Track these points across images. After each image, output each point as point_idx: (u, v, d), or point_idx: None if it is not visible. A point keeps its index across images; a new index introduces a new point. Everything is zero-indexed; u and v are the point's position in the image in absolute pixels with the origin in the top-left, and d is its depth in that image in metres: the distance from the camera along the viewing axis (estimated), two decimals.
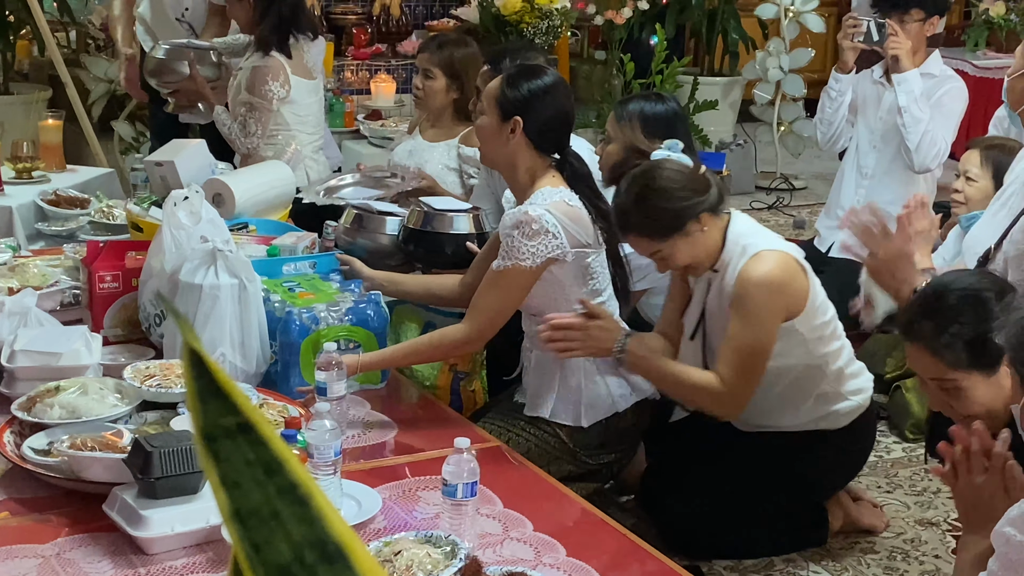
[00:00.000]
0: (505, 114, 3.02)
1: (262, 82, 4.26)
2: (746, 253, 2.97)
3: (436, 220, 3.36)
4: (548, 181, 3.01)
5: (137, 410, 2.55)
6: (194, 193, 2.96)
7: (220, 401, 0.70)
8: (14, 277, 3.29)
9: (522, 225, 2.91)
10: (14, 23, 6.52)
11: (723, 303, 3.02)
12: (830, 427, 3.22)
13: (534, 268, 2.93)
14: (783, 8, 7.54)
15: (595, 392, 3.10)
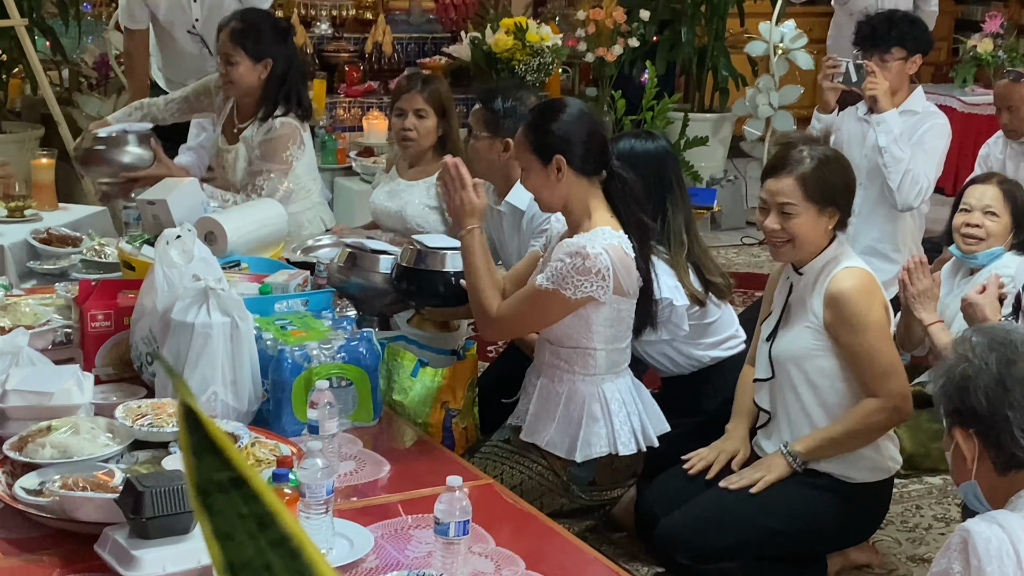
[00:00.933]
0: (545, 158, 3.08)
1: (282, 149, 4.22)
2: (838, 263, 3.16)
3: (429, 258, 3.36)
4: (602, 217, 3.06)
5: (129, 449, 2.54)
6: (186, 231, 2.96)
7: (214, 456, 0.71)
8: (6, 316, 3.29)
9: (577, 257, 2.96)
10: (6, 62, 6.55)
11: (805, 300, 3.19)
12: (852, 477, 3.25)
13: (573, 300, 2.99)
14: (772, 45, 7.59)
15: (595, 430, 3.11)
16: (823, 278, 3.15)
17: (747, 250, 7.25)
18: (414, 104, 4.20)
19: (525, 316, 3.10)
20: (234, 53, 4.23)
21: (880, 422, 3.16)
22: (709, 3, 7.99)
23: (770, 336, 3.29)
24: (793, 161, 3.19)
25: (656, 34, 8.06)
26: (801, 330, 3.19)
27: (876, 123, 4.62)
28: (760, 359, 3.32)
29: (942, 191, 7.80)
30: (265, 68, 4.24)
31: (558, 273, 2.98)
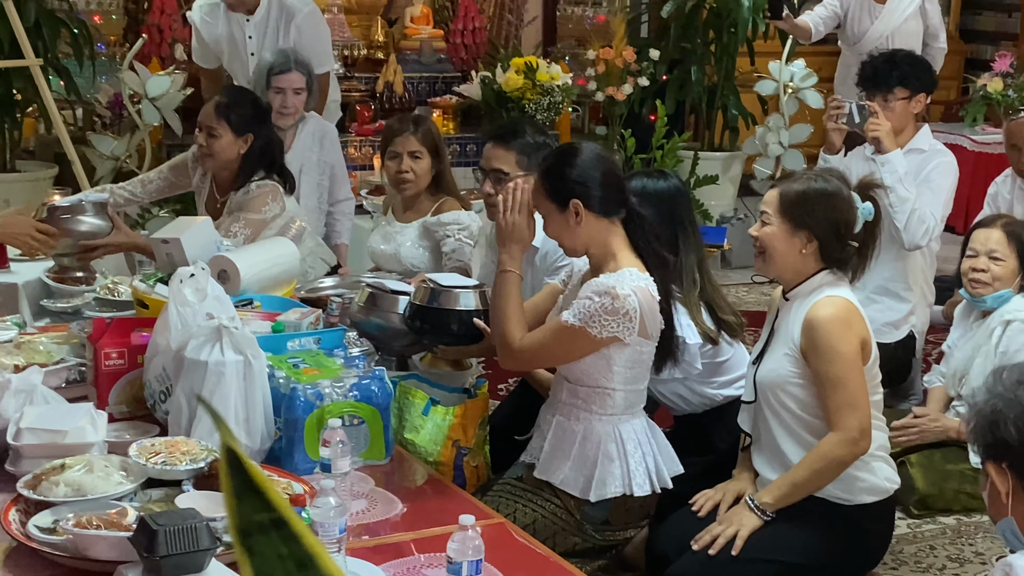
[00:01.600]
0: (562, 203, 3.09)
1: (261, 203, 4.26)
2: (821, 294, 3.14)
3: (442, 296, 3.37)
4: (627, 259, 3.07)
5: (142, 487, 2.54)
6: (200, 270, 2.98)
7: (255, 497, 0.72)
8: (20, 354, 3.30)
9: (606, 296, 2.97)
10: (21, 101, 6.59)
11: (788, 326, 3.17)
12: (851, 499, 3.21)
13: (598, 339, 3.00)
14: (782, 84, 7.62)
15: (611, 470, 3.10)
16: (805, 305, 3.15)
17: (757, 288, 7.26)
18: (408, 146, 4.23)
19: (548, 350, 3.10)
20: (217, 126, 4.32)
21: (839, 456, 3.10)
22: (719, 42, 8.03)
23: (756, 359, 3.30)
24: (791, 179, 3.27)
25: (666, 73, 8.10)
26: (781, 357, 3.19)
27: (881, 163, 4.64)
28: (746, 381, 3.35)
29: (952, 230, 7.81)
30: (245, 143, 4.34)
31: (586, 311, 2.99)
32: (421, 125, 4.30)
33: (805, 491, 3.15)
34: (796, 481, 3.13)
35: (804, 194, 3.17)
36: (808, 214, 3.15)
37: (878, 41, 6.89)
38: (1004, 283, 4.17)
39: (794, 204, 3.16)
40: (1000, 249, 4.19)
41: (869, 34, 7.04)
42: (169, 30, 7.48)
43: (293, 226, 4.20)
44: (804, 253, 3.17)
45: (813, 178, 3.22)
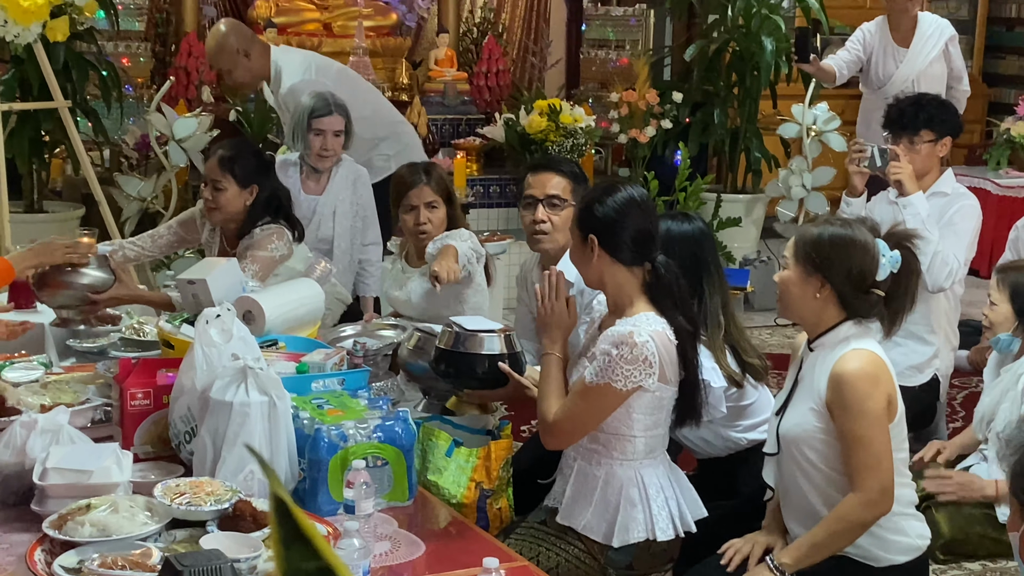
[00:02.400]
0: (583, 233, 3.12)
1: (268, 242, 4.29)
2: (848, 347, 3.03)
3: (467, 340, 3.36)
4: (644, 305, 3.08)
5: (167, 528, 2.56)
6: (225, 311, 3.00)
7: (302, 546, 0.73)
8: (46, 394, 3.32)
9: (624, 346, 2.97)
10: (50, 142, 6.66)
11: (813, 380, 3.07)
12: (882, 560, 3.11)
13: (624, 392, 2.99)
14: (805, 127, 7.64)
15: (633, 515, 3.09)
16: (831, 358, 3.05)
17: (781, 331, 7.25)
18: (424, 197, 4.22)
19: (581, 416, 3.08)
20: (222, 179, 4.34)
21: (859, 518, 3.01)
22: (742, 85, 8.06)
23: (779, 411, 3.22)
24: (813, 223, 3.21)
25: (689, 116, 8.13)
26: (806, 411, 3.09)
27: (903, 206, 4.64)
28: (769, 433, 3.26)
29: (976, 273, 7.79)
30: (251, 194, 4.35)
31: (606, 366, 2.98)
32: (432, 173, 4.28)
33: (825, 552, 3.05)
34: (816, 542, 3.05)
35: (818, 238, 3.10)
36: (823, 260, 3.06)
37: (903, 85, 6.90)
38: (999, 328, 4.19)
39: (808, 248, 3.10)
40: (993, 294, 4.23)
41: (894, 78, 7.06)
42: (196, 72, 7.55)
43: (318, 267, 4.22)
44: (819, 298, 3.07)
45: (833, 223, 3.16)
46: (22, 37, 5.56)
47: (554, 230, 3.86)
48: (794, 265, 3.12)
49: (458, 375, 3.42)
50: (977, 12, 10.85)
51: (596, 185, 3.36)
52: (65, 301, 4.00)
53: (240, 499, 2.60)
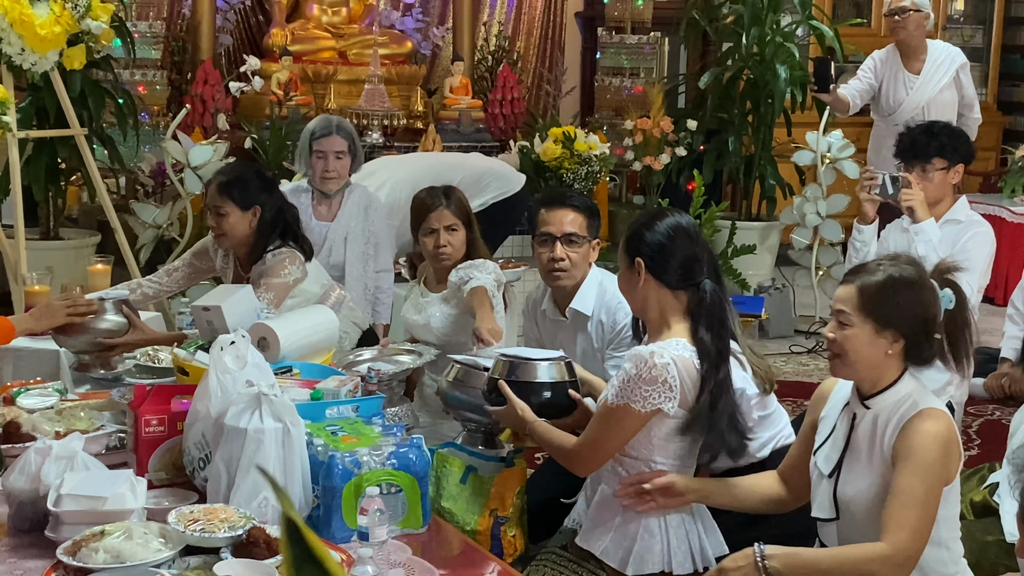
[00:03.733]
0: (631, 258, 3.13)
1: (280, 267, 4.29)
2: (916, 406, 2.83)
3: (521, 369, 3.30)
4: (680, 330, 3.06)
5: (181, 554, 2.55)
6: (240, 338, 3.00)
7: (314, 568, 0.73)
8: (61, 421, 3.33)
9: (644, 366, 2.95)
10: (66, 170, 6.69)
11: (873, 443, 2.88)
12: None
13: (643, 413, 2.97)
14: (820, 155, 7.64)
15: (650, 546, 3.06)
16: (898, 417, 2.83)
17: (795, 358, 7.23)
18: (444, 220, 4.21)
19: (601, 439, 3.05)
20: (223, 204, 4.35)
21: (875, 571, 2.81)
22: (756, 113, 8.07)
23: (832, 472, 2.98)
24: (866, 271, 2.94)
25: (703, 143, 8.15)
26: (875, 478, 2.88)
27: (914, 233, 4.63)
28: (820, 497, 3.01)
29: (992, 301, 7.77)
30: (254, 215, 4.34)
31: (624, 385, 2.97)
32: (452, 196, 4.28)
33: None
34: (819, 566, 2.88)
35: (885, 287, 2.87)
36: (893, 311, 2.85)
37: (913, 112, 6.90)
38: None
39: (876, 300, 2.86)
40: None
41: (904, 105, 7.06)
42: (212, 100, 7.59)
43: (333, 294, 4.23)
44: (888, 354, 2.87)
45: (891, 267, 2.91)
46: (39, 65, 5.60)
47: (572, 267, 3.86)
48: (862, 322, 2.87)
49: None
50: (992, 40, 10.85)
51: (644, 212, 3.37)
52: (82, 346, 4.01)
53: (254, 526, 2.59)
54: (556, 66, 9.65)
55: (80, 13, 5.67)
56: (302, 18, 8.90)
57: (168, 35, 8.33)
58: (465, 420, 3.46)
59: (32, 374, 4.05)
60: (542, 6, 9.56)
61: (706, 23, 8.32)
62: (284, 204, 4.47)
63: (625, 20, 8.86)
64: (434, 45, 9.36)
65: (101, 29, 5.79)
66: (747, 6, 7.98)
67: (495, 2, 9.50)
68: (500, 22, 9.51)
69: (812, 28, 8.10)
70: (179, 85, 8.26)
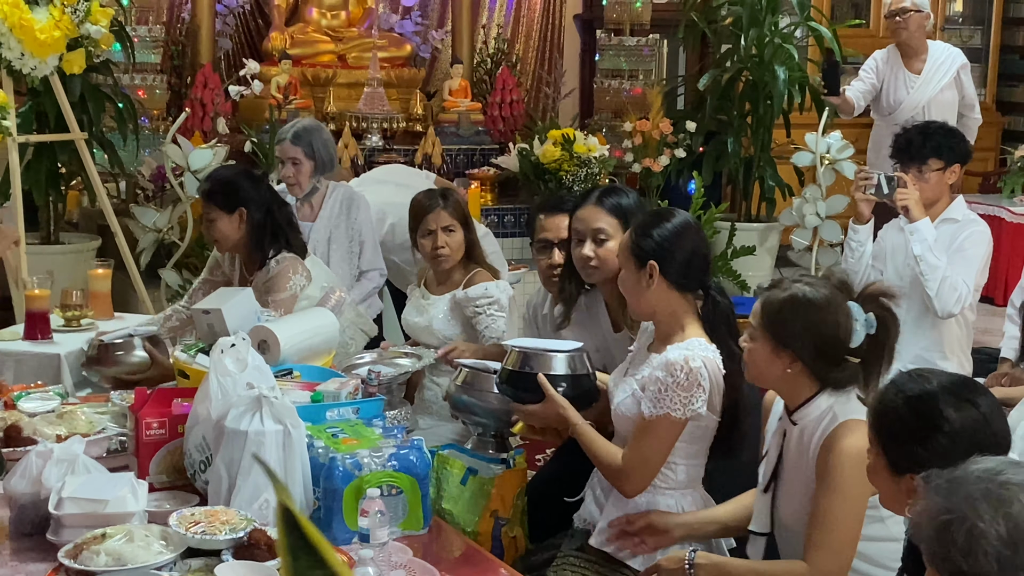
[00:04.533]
0: (640, 262, 3.07)
1: (285, 280, 4.27)
2: (836, 419, 2.77)
3: (534, 360, 3.23)
4: (695, 331, 3.05)
5: (182, 557, 2.56)
6: (241, 340, 3.01)
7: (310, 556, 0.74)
8: (62, 424, 3.34)
9: (677, 372, 2.93)
10: (66, 174, 6.69)
11: (801, 459, 2.85)
12: None
13: (682, 420, 2.96)
14: (819, 156, 7.64)
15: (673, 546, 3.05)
16: (820, 432, 2.80)
17: None
18: (441, 221, 4.21)
19: (649, 452, 3.01)
20: (210, 211, 4.37)
21: None
22: (755, 114, 8.08)
23: (768, 487, 2.96)
24: (777, 286, 2.88)
25: (702, 145, 8.15)
26: (804, 495, 2.84)
27: (910, 232, 4.64)
28: (759, 509, 3.00)
29: (991, 301, 7.78)
30: (241, 218, 4.33)
31: (660, 396, 2.95)
32: (450, 198, 4.29)
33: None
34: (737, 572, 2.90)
35: (784, 306, 2.82)
36: (790, 331, 2.80)
37: (914, 111, 6.91)
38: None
39: (775, 319, 2.82)
40: None
41: (904, 105, 7.07)
42: (212, 104, 7.59)
43: (333, 296, 4.24)
44: (790, 373, 2.83)
45: (799, 287, 2.83)
46: (39, 70, 5.60)
47: None
48: (761, 337, 2.85)
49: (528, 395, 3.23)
50: (990, 41, 10.87)
51: (647, 213, 3.30)
52: (113, 374, 4.00)
53: (255, 528, 2.60)
54: (555, 68, 9.66)
55: (80, 18, 5.67)
56: (301, 22, 8.90)
57: (167, 39, 8.33)
58: (474, 424, 3.46)
59: (33, 378, 4.07)
60: (541, 9, 9.57)
61: (705, 25, 8.33)
62: (274, 202, 4.44)
63: (624, 22, 8.87)
64: (433, 48, 9.37)
65: (101, 33, 5.79)
66: (746, 8, 7.98)
67: (494, 5, 9.51)
68: (499, 25, 9.52)
69: (811, 29, 8.11)
70: (179, 89, 8.27)
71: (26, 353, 4.30)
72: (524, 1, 9.58)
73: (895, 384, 2.40)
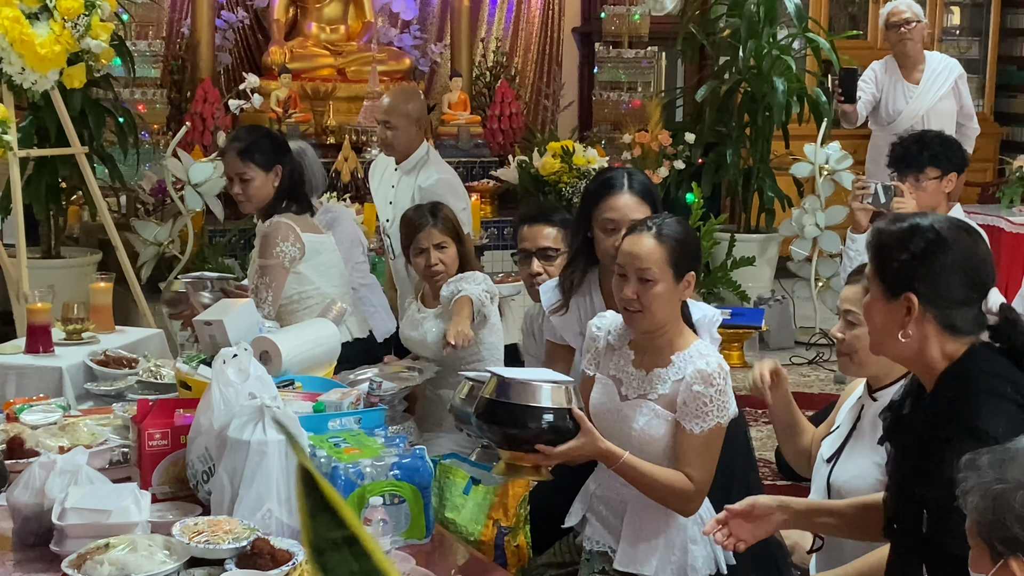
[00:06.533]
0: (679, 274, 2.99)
1: (272, 245, 4.32)
2: None
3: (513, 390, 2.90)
4: (691, 335, 3.05)
5: (185, 567, 2.57)
6: (242, 351, 3.02)
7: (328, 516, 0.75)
8: (65, 436, 3.34)
9: (717, 380, 2.92)
10: (67, 188, 6.70)
11: (873, 430, 2.87)
12: None
13: (726, 424, 2.97)
14: (818, 167, 7.66)
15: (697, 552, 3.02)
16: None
17: (796, 370, 7.24)
18: (433, 239, 4.20)
19: (712, 465, 2.99)
20: (247, 170, 4.40)
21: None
22: (754, 125, 8.10)
23: (831, 457, 3.04)
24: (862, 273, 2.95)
25: (701, 156, 8.17)
26: (870, 465, 2.91)
27: None
28: (817, 481, 3.07)
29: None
30: (276, 175, 4.42)
31: (707, 407, 2.92)
32: (439, 214, 4.26)
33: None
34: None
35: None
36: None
37: (913, 121, 6.93)
38: None
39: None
40: None
41: (904, 115, 7.09)
42: (212, 118, 7.61)
43: (334, 308, 4.24)
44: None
45: None
46: (39, 84, 5.61)
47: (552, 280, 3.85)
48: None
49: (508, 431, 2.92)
50: (988, 52, 10.89)
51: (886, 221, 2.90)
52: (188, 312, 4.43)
53: (258, 537, 2.61)
54: (554, 81, 9.68)
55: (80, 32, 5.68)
56: (300, 36, 8.93)
57: (167, 54, 8.36)
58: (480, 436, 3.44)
59: (35, 391, 4.07)
60: (539, 22, 9.60)
61: (703, 37, 8.35)
62: (295, 163, 4.55)
63: (622, 35, 8.89)
64: (432, 61, 9.39)
65: (101, 48, 5.80)
66: (743, 20, 8.01)
67: (493, 18, 9.53)
68: (498, 38, 9.55)
69: (808, 41, 8.13)
70: (179, 103, 8.29)
71: (28, 366, 4.31)
72: (523, 14, 9.61)
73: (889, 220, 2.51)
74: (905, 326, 2.41)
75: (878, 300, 2.46)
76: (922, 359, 2.43)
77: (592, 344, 3.18)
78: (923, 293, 2.39)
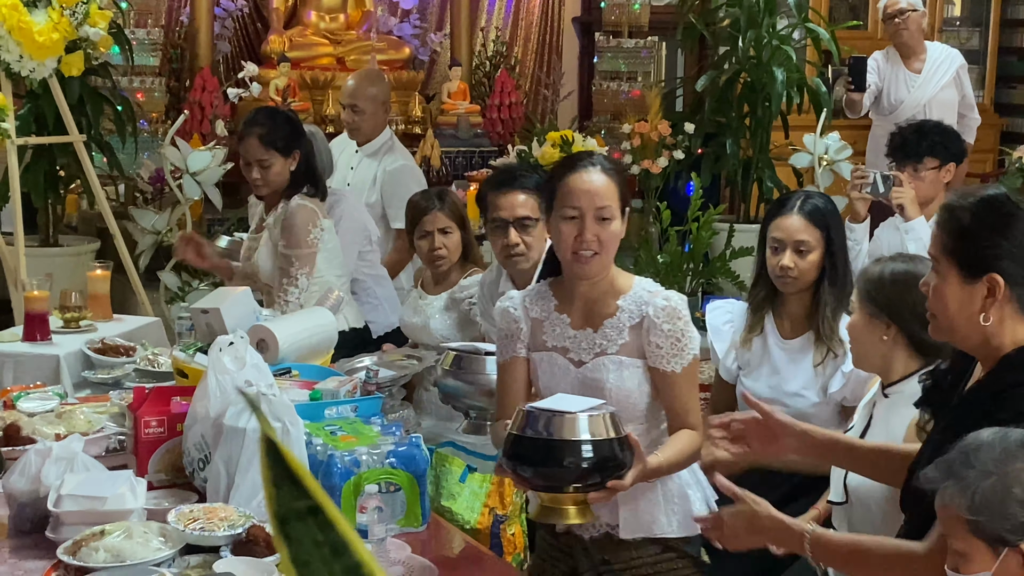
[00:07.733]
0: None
1: (304, 232, 4.30)
2: None
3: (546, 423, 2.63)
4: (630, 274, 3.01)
5: (180, 553, 2.57)
6: (239, 339, 3.02)
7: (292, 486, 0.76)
8: (61, 424, 3.34)
9: (682, 312, 2.87)
10: (65, 177, 6.70)
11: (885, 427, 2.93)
12: None
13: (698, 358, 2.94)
14: (817, 157, 7.64)
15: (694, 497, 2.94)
16: (910, 410, 2.76)
17: None
18: (438, 223, 4.20)
19: (697, 399, 2.93)
20: (267, 156, 4.38)
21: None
22: (753, 116, 8.08)
23: None
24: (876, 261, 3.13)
25: (701, 146, 8.15)
26: None
27: (905, 231, 4.65)
28: (834, 481, 3.03)
29: None
30: (294, 160, 4.41)
31: (680, 342, 2.85)
32: (446, 199, 4.28)
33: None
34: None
35: (879, 277, 3.02)
36: (884, 298, 2.98)
37: (914, 111, 6.92)
38: None
39: (870, 289, 3.02)
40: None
41: (905, 104, 7.08)
42: (210, 107, 7.60)
43: (331, 296, 4.24)
44: (886, 340, 2.98)
45: (896, 260, 3.07)
46: (37, 72, 5.61)
47: (528, 250, 3.79)
48: (859, 309, 3.03)
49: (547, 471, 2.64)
50: (988, 43, 10.87)
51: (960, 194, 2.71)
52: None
53: (254, 524, 2.61)
54: (554, 71, 9.67)
55: (78, 20, 5.68)
56: (300, 24, 8.91)
57: (166, 42, 8.34)
58: (467, 408, 3.44)
59: (32, 379, 4.07)
60: (539, 11, 9.58)
61: (703, 27, 8.33)
62: (310, 148, 4.54)
63: (622, 25, 8.88)
64: (432, 51, 9.38)
65: (99, 36, 5.80)
66: (743, 9, 7.99)
67: (493, 7, 9.52)
68: (497, 27, 9.53)
69: (808, 31, 8.11)
70: (177, 92, 8.27)
71: (25, 354, 4.31)
72: (523, 4, 9.59)
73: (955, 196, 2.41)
74: (987, 309, 2.29)
75: (952, 284, 2.33)
76: (991, 343, 2.32)
77: (512, 327, 2.98)
78: (1011, 274, 2.29)
